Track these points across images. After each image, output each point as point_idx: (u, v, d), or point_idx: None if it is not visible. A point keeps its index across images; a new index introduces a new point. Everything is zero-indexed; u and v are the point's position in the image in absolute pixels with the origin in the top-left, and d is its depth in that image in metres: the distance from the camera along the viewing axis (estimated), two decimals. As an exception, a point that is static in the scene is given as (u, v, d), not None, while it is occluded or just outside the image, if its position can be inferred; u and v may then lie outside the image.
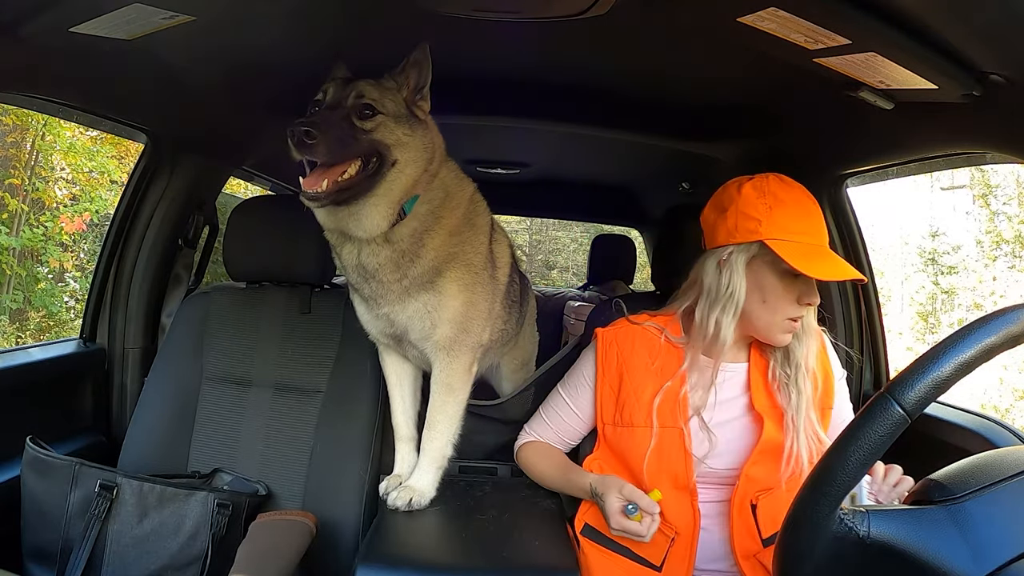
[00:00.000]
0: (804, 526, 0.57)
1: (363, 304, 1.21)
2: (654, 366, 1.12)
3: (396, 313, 1.16)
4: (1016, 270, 5.30)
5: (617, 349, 1.15)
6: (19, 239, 4.26)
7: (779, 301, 1.04)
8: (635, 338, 1.15)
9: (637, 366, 1.13)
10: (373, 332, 1.25)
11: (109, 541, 1.12)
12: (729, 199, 1.06)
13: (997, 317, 0.55)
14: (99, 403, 1.60)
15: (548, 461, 1.24)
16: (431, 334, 1.17)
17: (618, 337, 1.16)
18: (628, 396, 1.12)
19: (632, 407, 1.11)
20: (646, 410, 1.09)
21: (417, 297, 1.14)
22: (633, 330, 1.16)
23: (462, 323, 1.18)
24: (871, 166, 1.42)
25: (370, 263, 1.11)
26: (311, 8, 1.07)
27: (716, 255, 1.07)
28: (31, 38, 0.96)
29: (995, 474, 0.58)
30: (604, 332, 1.18)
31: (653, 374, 1.11)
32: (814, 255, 1.01)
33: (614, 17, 0.99)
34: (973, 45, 0.81)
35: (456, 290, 1.16)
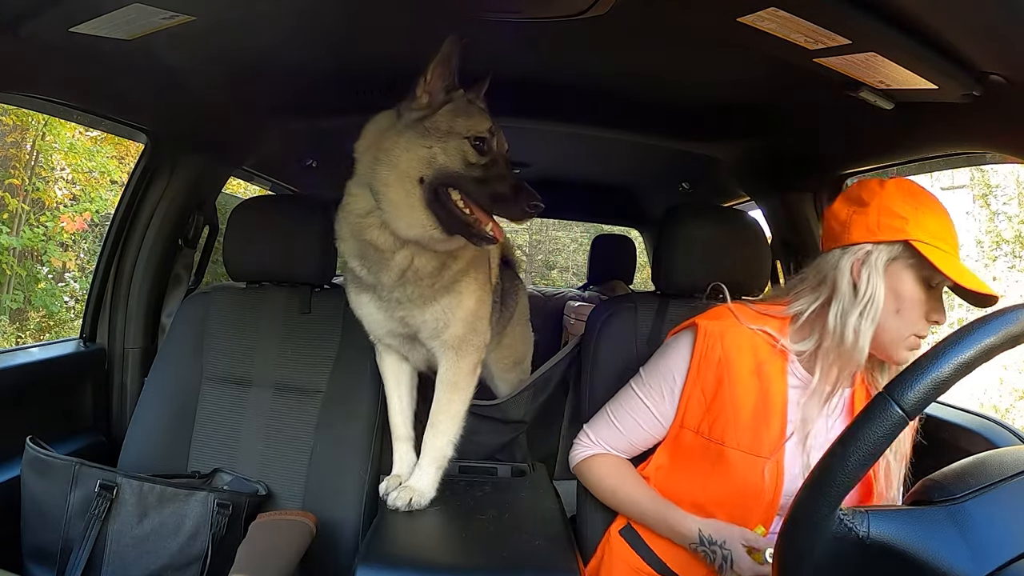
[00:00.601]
0: (803, 526, 0.57)
1: (375, 306, 1.18)
2: (760, 379, 0.98)
3: (415, 315, 1.16)
4: (1016, 270, 5.29)
5: (722, 350, 1.00)
6: (19, 239, 4.26)
7: (911, 313, 0.92)
8: (742, 341, 1.00)
9: (741, 375, 0.99)
10: (380, 333, 1.24)
11: (109, 541, 1.11)
12: (870, 193, 0.94)
13: (997, 317, 0.55)
14: (99, 403, 1.60)
15: (633, 488, 1.07)
16: (442, 333, 1.17)
17: (725, 335, 1.01)
18: (723, 408, 0.98)
19: (725, 423, 0.98)
20: (744, 433, 0.97)
21: (440, 299, 1.14)
22: (741, 331, 1.01)
23: (472, 323, 1.18)
24: (871, 166, 1.42)
25: (423, 267, 1.10)
26: (311, 8, 1.07)
27: (851, 253, 0.94)
28: (31, 38, 0.97)
29: (995, 474, 0.58)
30: (708, 325, 1.03)
31: (756, 390, 0.97)
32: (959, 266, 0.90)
33: (614, 17, 0.99)
34: (973, 45, 0.81)
35: (470, 291, 1.17)
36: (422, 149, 1.01)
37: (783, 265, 1.77)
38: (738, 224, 1.38)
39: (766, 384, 0.98)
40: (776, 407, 0.97)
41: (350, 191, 1.12)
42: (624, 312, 1.36)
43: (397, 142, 1.03)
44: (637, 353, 1.32)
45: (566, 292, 2.92)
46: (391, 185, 1.03)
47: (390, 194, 1.03)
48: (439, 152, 1.01)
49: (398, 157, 1.02)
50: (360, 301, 1.21)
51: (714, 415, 0.99)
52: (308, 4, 1.05)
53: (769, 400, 0.97)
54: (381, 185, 1.04)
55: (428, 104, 1.03)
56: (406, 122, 1.04)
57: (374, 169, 1.04)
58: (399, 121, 1.04)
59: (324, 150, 2.17)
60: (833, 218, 0.99)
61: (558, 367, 1.55)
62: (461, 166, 1.02)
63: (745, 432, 0.97)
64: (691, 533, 0.98)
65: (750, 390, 0.98)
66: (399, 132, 1.03)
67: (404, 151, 1.02)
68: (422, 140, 1.02)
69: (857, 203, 0.95)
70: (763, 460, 0.95)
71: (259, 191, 2.76)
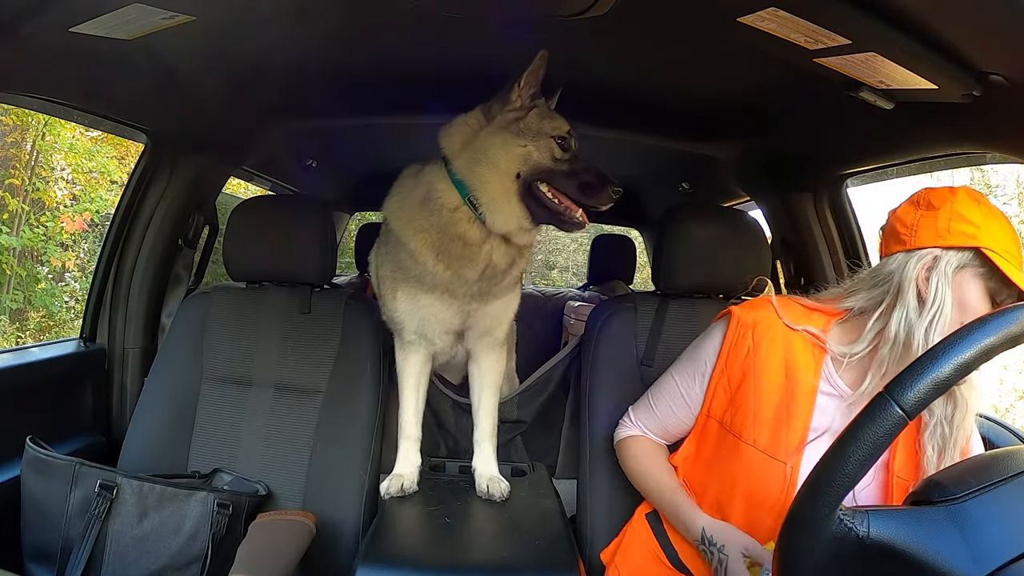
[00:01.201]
0: (804, 526, 0.57)
1: (442, 304, 1.20)
2: (788, 379, 0.95)
3: (481, 311, 1.22)
4: (1016, 270, 5.29)
5: (752, 341, 0.98)
6: (19, 239, 4.26)
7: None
8: (776, 336, 0.97)
9: (768, 371, 0.96)
10: (434, 331, 1.25)
11: (109, 541, 1.12)
12: (940, 198, 0.90)
13: (997, 317, 0.55)
14: (99, 403, 1.60)
15: (659, 474, 1.08)
16: (494, 330, 1.27)
17: (757, 326, 0.98)
18: (746, 401, 0.96)
19: (744, 416, 0.96)
20: (763, 430, 0.94)
21: (501, 297, 1.24)
22: (776, 326, 0.97)
23: (512, 321, 1.31)
24: (871, 166, 1.42)
25: (500, 262, 1.18)
26: (311, 8, 1.07)
27: (917, 257, 0.90)
28: (31, 38, 0.96)
29: (995, 474, 0.58)
30: (742, 314, 1.00)
31: (782, 388, 0.94)
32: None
33: (614, 17, 0.99)
34: (973, 45, 0.81)
35: (517, 293, 1.29)
36: (518, 148, 1.12)
37: (783, 265, 1.77)
38: (738, 224, 1.38)
39: (793, 384, 0.94)
40: (801, 410, 0.93)
41: (436, 186, 1.17)
42: (624, 312, 1.36)
43: (493, 142, 1.13)
44: (637, 353, 1.32)
45: (566, 292, 2.91)
46: (491, 181, 1.12)
47: (490, 189, 1.12)
48: (533, 150, 1.12)
49: (497, 155, 1.12)
50: (419, 302, 1.22)
51: (736, 406, 0.98)
52: (308, 4, 1.05)
53: (795, 402, 0.93)
54: (481, 181, 1.12)
55: (520, 107, 1.14)
56: (500, 124, 1.14)
57: (472, 167, 1.13)
58: (490, 123, 1.14)
59: (324, 150, 2.17)
60: (898, 221, 0.94)
61: (558, 367, 1.56)
62: (551, 161, 1.12)
63: (764, 429, 0.94)
64: (696, 529, 0.97)
65: (775, 387, 0.95)
66: (494, 132, 1.13)
67: (502, 150, 1.12)
68: (518, 140, 1.12)
69: (926, 207, 0.91)
70: (779, 463, 0.92)
71: (259, 191, 2.76)
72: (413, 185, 1.21)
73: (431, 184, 1.18)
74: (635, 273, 2.95)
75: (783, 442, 0.93)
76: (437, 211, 1.15)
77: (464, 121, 1.18)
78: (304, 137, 1.91)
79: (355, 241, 3.02)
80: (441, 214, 1.15)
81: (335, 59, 1.35)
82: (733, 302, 1.32)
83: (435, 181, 1.17)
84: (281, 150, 1.98)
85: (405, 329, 1.26)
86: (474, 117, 1.17)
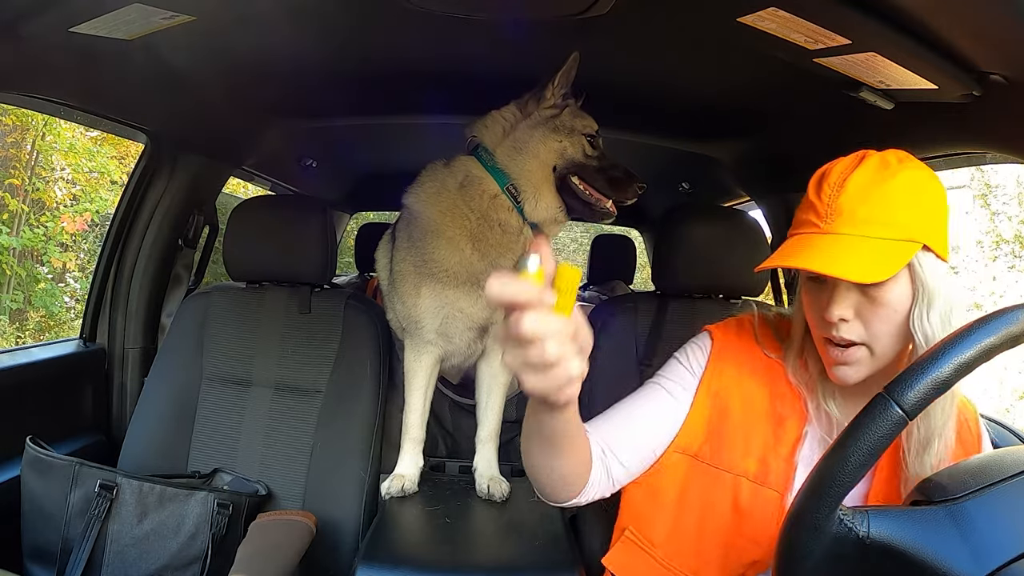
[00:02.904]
0: (803, 526, 0.57)
1: (471, 298, 1.23)
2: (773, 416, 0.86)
3: None
4: (1016, 270, 5.29)
5: (734, 372, 0.88)
6: (19, 239, 4.26)
7: (812, 318, 0.81)
8: (757, 366, 0.88)
9: (755, 402, 0.87)
10: (456, 326, 1.26)
11: (109, 541, 1.12)
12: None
13: (997, 317, 0.55)
14: (99, 403, 1.60)
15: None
16: None
17: (739, 355, 0.89)
18: (734, 434, 0.86)
19: (732, 447, 0.86)
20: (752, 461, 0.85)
21: None
22: (758, 354, 0.89)
23: None
24: (871, 166, 1.41)
25: None
26: (311, 8, 1.07)
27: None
28: (31, 38, 0.96)
29: (995, 474, 0.58)
30: (725, 341, 0.90)
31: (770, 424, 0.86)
32: (815, 245, 0.75)
33: (614, 17, 0.99)
34: (973, 45, 0.81)
35: None
36: (555, 143, 1.20)
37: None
38: (738, 224, 1.38)
39: (778, 417, 0.86)
40: (788, 441, 0.85)
41: (473, 173, 1.21)
42: (624, 312, 1.36)
43: (533, 135, 1.20)
44: (637, 353, 1.32)
45: (566, 292, 2.91)
46: (533, 171, 1.20)
47: (532, 178, 1.20)
48: (568, 145, 1.20)
49: (536, 148, 1.20)
50: (446, 297, 1.23)
51: (720, 440, 0.87)
52: (308, 4, 1.05)
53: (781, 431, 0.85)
54: (523, 170, 1.20)
55: (555, 105, 1.21)
56: (537, 119, 1.21)
57: (514, 156, 1.20)
58: (527, 118, 1.21)
59: (324, 150, 2.17)
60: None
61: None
62: (583, 157, 1.20)
63: (752, 460, 0.85)
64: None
65: (763, 419, 0.86)
66: (532, 127, 1.21)
67: (540, 143, 1.20)
68: (554, 135, 1.20)
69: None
70: (770, 491, 0.84)
71: (259, 191, 2.76)
72: (447, 173, 1.24)
73: (468, 171, 1.22)
74: (635, 273, 2.95)
75: (773, 470, 0.84)
76: (478, 197, 1.20)
77: (500, 115, 1.24)
78: (304, 137, 1.91)
79: (355, 241, 3.01)
80: (482, 200, 1.20)
81: (335, 59, 1.34)
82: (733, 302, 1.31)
83: (472, 169, 1.22)
84: (281, 150, 1.98)
85: (425, 328, 1.26)
86: (510, 111, 1.23)
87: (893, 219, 0.73)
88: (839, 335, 0.77)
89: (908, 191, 0.74)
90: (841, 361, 0.78)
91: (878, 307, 0.75)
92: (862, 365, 0.78)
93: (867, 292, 0.75)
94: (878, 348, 0.77)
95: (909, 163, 0.77)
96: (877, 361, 0.78)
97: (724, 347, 0.90)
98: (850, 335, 0.76)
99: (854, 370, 0.78)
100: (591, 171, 1.20)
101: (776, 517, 0.82)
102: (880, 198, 0.74)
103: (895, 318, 0.75)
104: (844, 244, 0.74)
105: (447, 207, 1.21)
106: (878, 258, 0.72)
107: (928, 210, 0.75)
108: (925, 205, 0.75)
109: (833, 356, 0.78)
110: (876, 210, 0.74)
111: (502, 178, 1.20)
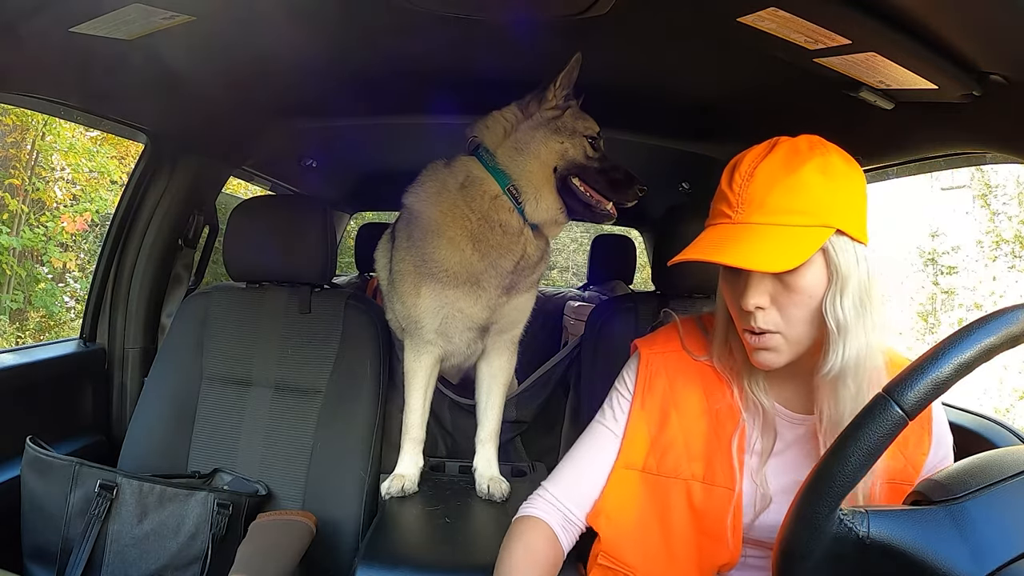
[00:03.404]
0: (803, 526, 0.57)
1: (471, 298, 1.22)
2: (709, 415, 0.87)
3: (508, 303, 1.26)
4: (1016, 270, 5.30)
5: (667, 381, 0.89)
6: (19, 239, 4.26)
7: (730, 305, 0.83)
8: (690, 373, 0.89)
9: (690, 409, 0.88)
10: (455, 326, 1.26)
11: (109, 541, 1.12)
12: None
13: (997, 317, 0.55)
14: (99, 403, 1.60)
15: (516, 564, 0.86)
16: (516, 326, 1.32)
17: (668, 364, 0.90)
18: (673, 440, 0.87)
19: (677, 455, 0.87)
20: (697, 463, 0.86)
21: (528, 289, 1.29)
22: (687, 364, 0.90)
23: (529, 315, 1.34)
24: (871, 166, 1.41)
25: (532, 255, 1.24)
26: (311, 8, 1.07)
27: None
28: (31, 38, 0.96)
29: (995, 474, 0.58)
30: (649, 355, 0.91)
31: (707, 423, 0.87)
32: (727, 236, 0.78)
33: (614, 17, 0.99)
34: (973, 45, 0.81)
35: (535, 293, 1.33)
36: (556, 144, 1.19)
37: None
38: (738, 224, 1.37)
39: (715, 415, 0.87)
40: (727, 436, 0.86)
41: (474, 173, 1.21)
42: (624, 312, 1.36)
43: (534, 136, 1.20)
44: (637, 353, 1.32)
45: (566, 292, 2.91)
46: (534, 172, 1.19)
47: (533, 179, 1.19)
48: (569, 147, 1.20)
49: (538, 149, 1.19)
50: (446, 297, 1.23)
51: (664, 447, 0.87)
52: (308, 4, 1.05)
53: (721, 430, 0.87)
54: (524, 170, 1.19)
55: (556, 107, 1.21)
56: (539, 120, 1.20)
57: (515, 156, 1.20)
58: (528, 119, 1.21)
59: (324, 150, 2.17)
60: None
61: (558, 367, 1.56)
62: (584, 159, 1.20)
63: (699, 462, 0.86)
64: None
65: (701, 419, 0.88)
66: (534, 128, 1.20)
67: (542, 144, 1.19)
68: (556, 136, 1.19)
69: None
70: (720, 489, 0.85)
71: (259, 191, 2.76)
72: (447, 173, 1.24)
73: (469, 171, 1.22)
74: (635, 273, 2.95)
75: (719, 468, 0.85)
76: (479, 197, 1.20)
77: (501, 115, 1.23)
78: (304, 137, 1.91)
79: (355, 241, 3.02)
80: (483, 200, 1.19)
81: (335, 59, 1.35)
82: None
83: (472, 169, 1.22)
84: (281, 150, 1.98)
85: (425, 328, 1.26)
86: (511, 112, 1.23)
87: (803, 205, 0.74)
88: (756, 324, 0.78)
89: (818, 176, 0.75)
90: (760, 347, 0.79)
91: (793, 293, 0.76)
92: (781, 351, 0.79)
93: (782, 279, 0.76)
94: (792, 334, 0.78)
95: (821, 148, 0.77)
96: (794, 347, 0.79)
97: (652, 359, 0.91)
98: (766, 324, 0.78)
99: (773, 355, 0.79)
100: (592, 173, 1.20)
101: (730, 512, 0.84)
102: (790, 185, 0.74)
103: (811, 304, 0.76)
104: (755, 234, 0.75)
105: (447, 207, 1.21)
106: (789, 245, 0.73)
107: (841, 194, 0.75)
108: (837, 189, 0.75)
109: (751, 342, 0.80)
110: (785, 197, 0.74)
111: (503, 179, 1.19)
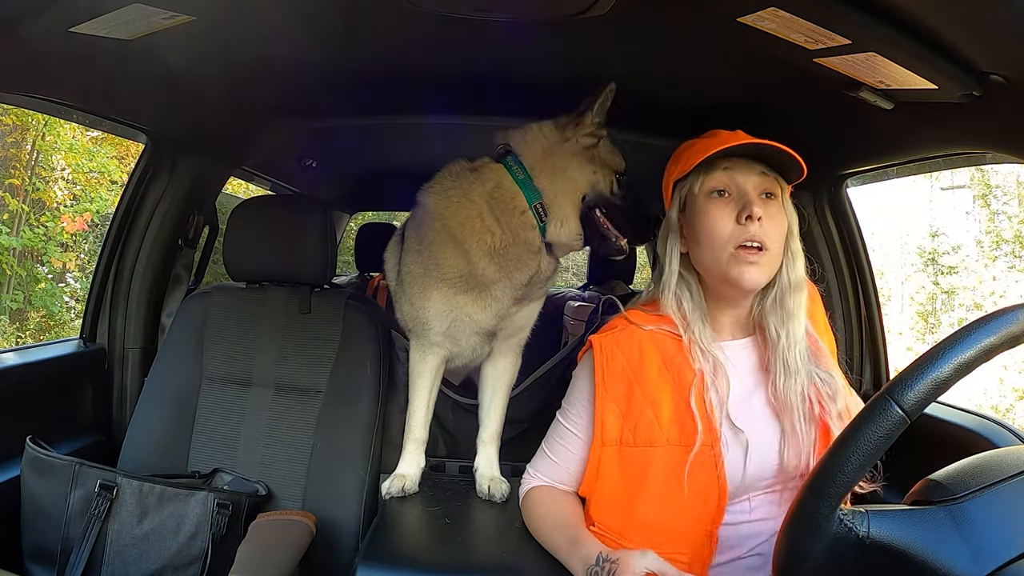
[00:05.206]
0: (804, 526, 0.57)
1: (478, 304, 1.22)
2: (670, 372, 0.94)
3: (517, 312, 1.27)
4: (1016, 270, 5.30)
5: (623, 356, 0.96)
6: (19, 239, 4.26)
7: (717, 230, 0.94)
8: (643, 342, 0.97)
9: (651, 374, 0.95)
10: (463, 330, 1.25)
11: (109, 541, 1.12)
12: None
13: (997, 317, 0.55)
14: (99, 403, 1.60)
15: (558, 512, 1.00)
16: (521, 332, 1.33)
17: (621, 342, 0.98)
18: (643, 411, 0.93)
19: (649, 424, 0.93)
20: (672, 427, 0.92)
21: (534, 302, 1.30)
22: (639, 334, 0.97)
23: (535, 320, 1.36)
24: (871, 166, 1.41)
25: (546, 269, 1.25)
26: (311, 8, 1.07)
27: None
28: (31, 38, 0.96)
29: (995, 474, 0.58)
30: (601, 339, 0.99)
31: (670, 383, 0.94)
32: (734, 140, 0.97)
33: (614, 17, 0.99)
34: (973, 45, 0.81)
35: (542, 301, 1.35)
36: (590, 174, 1.20)
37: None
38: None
39: (677, 374, 0.94)
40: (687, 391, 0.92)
41: (506, 186, 1.18)
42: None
43: (571, 162, 1.19)
44: (637, 353, 1.32)
45: (566, 292, 2.91)
46: (566, 195, 1.19)
47: (565, 203, 1.19)
48: (600, 179, 1.20)
49: (574, 175, 1.19)
50: (455, 302, 1.22)
51: (635, 420, 0.94)
52: (308, 4, 1.05)
53: (685, 389, 0.93)
54: (556, 193, 1.19)
55: (592, 134, 1.20)
56: (576, 146, 1.19)
57: (552, 179, 1.19)
58: (565, 143, 1.20)
59: (324, 150, 2.17)
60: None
61: (558, 367, 1.56)
62: (610, 193, 1.21)
63: (672, 427, 0.92)
64: (591, 555, 0.87)
65: (664, 385, 0.94)
66: (573, 153, 1.19)
67: (578, 171, 1.19)
68: (590, 165, 1.20)
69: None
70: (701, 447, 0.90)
71: (259, 191, 2.76)
72: (473, 179, 1.21)
73: (500, 181, 1.19)
74: (635, 273, 2.95)
75: (690, 427, 0.91)
76: (509, 211, 1.17)
77: (540, 131, 1.21)
78: (304, 137, 1.91)
79: (355, 241, 3.02)
80: (513, 215, 1.17)
81: (335, 59, 1.34)
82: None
83: (504, 179, 1.19)
84: (281, 150, 1.98)
85: (432, 330, 1.25)
86: (549, 129, 1.21)
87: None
88: (757, 235, 0.89)
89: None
90: (753, 260, 0.89)
91: (776, 213, 0.92)
92: (763, 268, 0.90)
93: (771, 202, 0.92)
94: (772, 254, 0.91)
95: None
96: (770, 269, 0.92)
97: (604, 343, 0.99)
98: (761, 235, 0.89)
99: (758, 271, 0.90)
100: (614, 208, 1.20)
101: (713, 468, 0.90)
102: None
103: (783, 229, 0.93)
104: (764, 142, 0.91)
105: (471, 215, 1.18)
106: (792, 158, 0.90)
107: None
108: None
109: (746, 257, 0.89)
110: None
111: (533, 195, 1.17)
